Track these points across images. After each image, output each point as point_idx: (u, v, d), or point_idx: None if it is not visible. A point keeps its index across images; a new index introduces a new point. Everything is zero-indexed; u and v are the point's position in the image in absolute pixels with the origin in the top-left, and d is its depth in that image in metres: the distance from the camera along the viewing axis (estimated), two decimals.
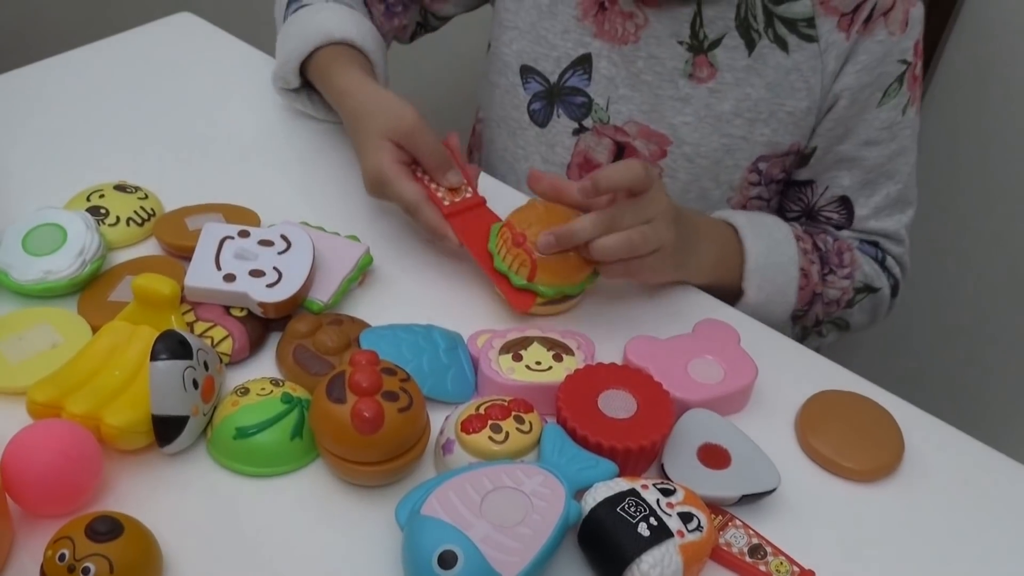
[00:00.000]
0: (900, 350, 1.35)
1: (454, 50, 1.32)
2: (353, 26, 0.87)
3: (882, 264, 0.91)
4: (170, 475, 0.61)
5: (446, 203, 0.77)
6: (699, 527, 0.55)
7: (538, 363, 0.67)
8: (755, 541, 0.58)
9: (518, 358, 0.67)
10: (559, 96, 0.89)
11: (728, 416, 0.67)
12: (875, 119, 0.84)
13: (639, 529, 0.54)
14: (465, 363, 0.69)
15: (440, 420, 0.64)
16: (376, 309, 0.74)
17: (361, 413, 0.57)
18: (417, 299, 0.76)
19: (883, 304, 0.92)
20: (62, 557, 0.51)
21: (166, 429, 0.60)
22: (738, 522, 0.59)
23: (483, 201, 0.79)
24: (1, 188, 0.84)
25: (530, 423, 0.61)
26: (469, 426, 0.60)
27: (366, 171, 0.76)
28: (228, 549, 0.58)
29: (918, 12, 0.82)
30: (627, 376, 0.65)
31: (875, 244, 0.91)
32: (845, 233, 0.90)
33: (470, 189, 0.79)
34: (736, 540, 0.58)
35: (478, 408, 0.61)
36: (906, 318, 1.28)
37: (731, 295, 0.82)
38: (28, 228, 0.73)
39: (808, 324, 0.89)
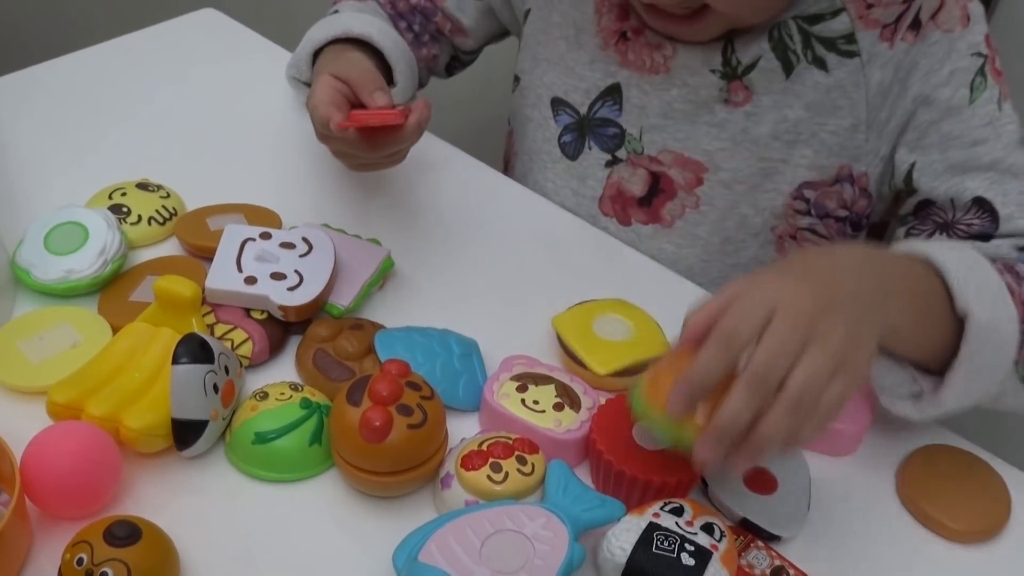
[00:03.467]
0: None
1: (483, 78, 1.29)
2: (375, 29, 0.87)
3: None
4: (189, 479, 0.61)
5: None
6: (722, 533, 0.54)
7: (536, 402, 0.64)
8: (777, 563, 0.57)
9: (523, 389, 0.65)
10: (590, 128, 0.87)
11: (835, 457, 0.66)
12: (973, 117, 0.76)
13: (683, 560, 0.52)
14: (479, 371, 0.68)
15: (454, 428, 0.63)
16: (396, 314, 0.74)
17: (370, 421, 0.56)
18: (438, 305, 0.76)
19: None
20: (80, 561, 0.51)
21: (185, 433, 0.59)
22: (760, 544, 0.59)
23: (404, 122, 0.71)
24: (23, 185, 0.83)
25: (532, 464, 0.59)
26: (469, 463, 0.58)
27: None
28: (245, 555, 0.58)
29: (977, 8, 0.77)
30: None
31: None
32: (995, 243, 0.73)
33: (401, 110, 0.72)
34: (758, 562, 0.57)
35: (481, 444, 0.60)
36: None
37: (939, 345, 0.62)
38: (50, 226, 0.73)
39: None
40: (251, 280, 0.69)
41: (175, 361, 0.58)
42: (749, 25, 0.77)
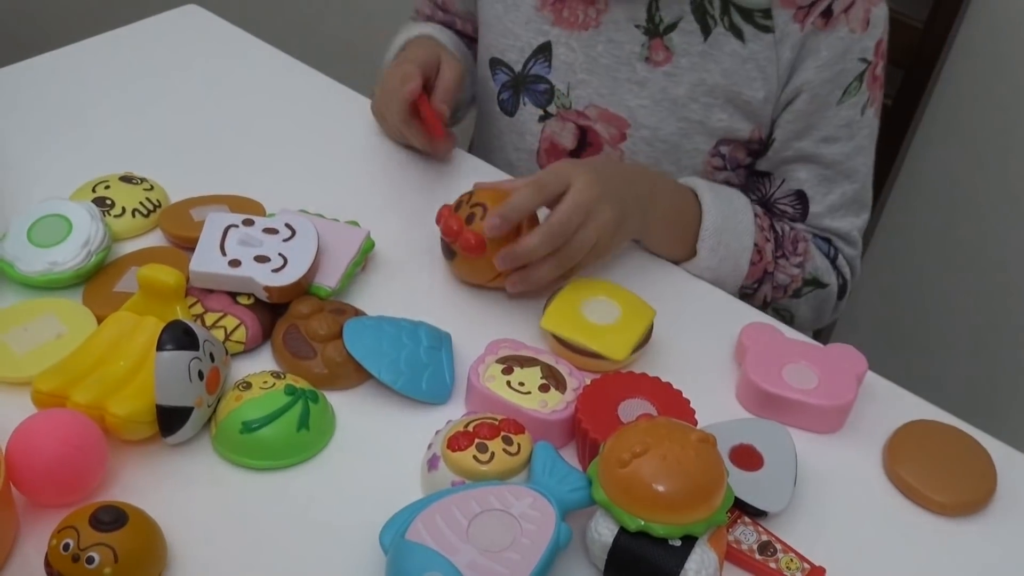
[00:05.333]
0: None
1: None
2: (446, 37, 0.95)
3: (833, 262, 0.90)
4: (174, 465, 0.61)
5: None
6: None
7: (521, 384, 0.64)
8: (765, 538, 0.58)
9: (508, 371, 0.65)
10: (524, 84, 0.92)
11: (819, 435, 0.66)
12: (835, 116, 0.84)
13: (670, 542, 0.52)
14: (446, 364, 0.68)
15: (423, 424, 0.64)
16: (382, 294, 0.74)
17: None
18: (424, 289, 0.76)
19: (829, 302, 0.90)
20: (66, 546, 0.51)
21: (170, 420, 0.59)
22: (747, 519, 0.59)
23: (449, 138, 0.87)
24: (7, 179, 0.83)
25: (519, 444, 0.59)
26: (455, 443, 0.58)
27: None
28: (233, 538, 0.58)
29: (881, 12, 0.82)
30: (647, 385, 0.64)
31: (828, 241, 0.90)
32: (800, 227, 0.89)
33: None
34: (745, 537, 0.58)
35: (467, 425, 0.60)
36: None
37: (684, 260, 0.82)
38: (34, 219, 0.73)
39: (756, 305, 0.84)
40: (235, 263, 0.69)
41: (160, 347, 0.58)
42: None
